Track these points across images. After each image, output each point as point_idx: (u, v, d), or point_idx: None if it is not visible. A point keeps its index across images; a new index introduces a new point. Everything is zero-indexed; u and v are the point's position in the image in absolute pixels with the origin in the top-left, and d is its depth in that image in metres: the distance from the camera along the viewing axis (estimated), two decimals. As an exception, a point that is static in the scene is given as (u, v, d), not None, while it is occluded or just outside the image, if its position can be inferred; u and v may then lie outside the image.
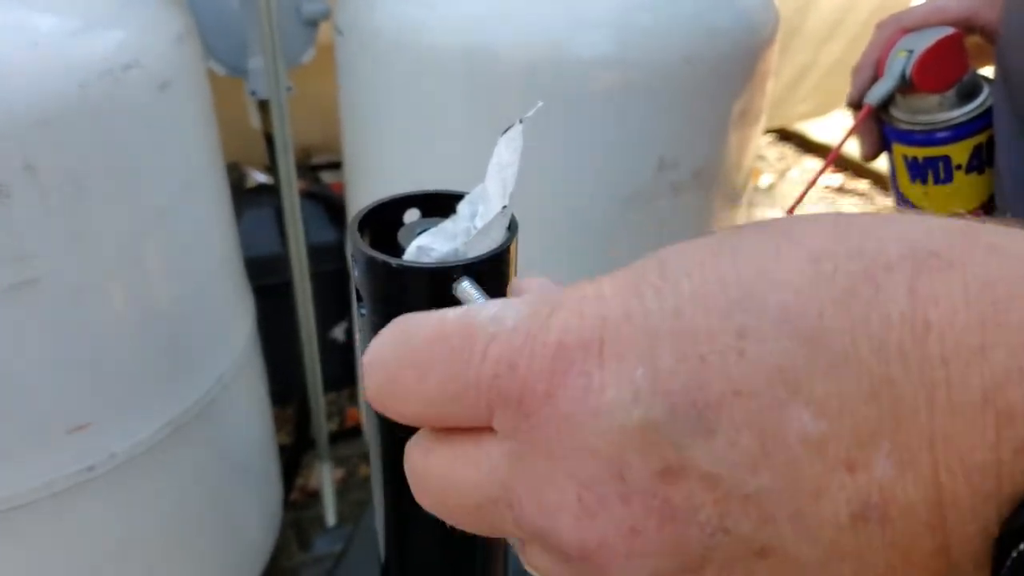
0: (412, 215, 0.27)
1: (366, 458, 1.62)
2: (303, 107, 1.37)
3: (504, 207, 0.24)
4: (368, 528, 0.73)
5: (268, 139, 1.23)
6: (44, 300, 0.71)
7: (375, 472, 0.30)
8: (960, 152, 0.60)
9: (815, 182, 0.62)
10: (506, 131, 0.25)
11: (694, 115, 0.95)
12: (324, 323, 1.50)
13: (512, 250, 0.25)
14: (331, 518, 1.43)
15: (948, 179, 0.61)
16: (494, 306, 0.19)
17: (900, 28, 0.62)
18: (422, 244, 0.25)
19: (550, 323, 0.18)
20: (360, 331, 0.26)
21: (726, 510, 0.16)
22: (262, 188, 1.58)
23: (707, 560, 0.17)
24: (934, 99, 0.60)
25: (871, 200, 2.74)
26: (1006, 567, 0.15)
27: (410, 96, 0.95)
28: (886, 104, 0.62)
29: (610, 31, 0.89)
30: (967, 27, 0.60)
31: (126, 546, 0.88)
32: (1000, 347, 0.15)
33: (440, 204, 0.27)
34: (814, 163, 2.96)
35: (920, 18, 0.61)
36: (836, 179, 2.84)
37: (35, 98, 0.66)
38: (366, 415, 0.39)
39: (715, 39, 0.92)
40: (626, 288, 0.18)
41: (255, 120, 1.29)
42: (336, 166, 1.70)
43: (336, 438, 1.61)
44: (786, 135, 3.10)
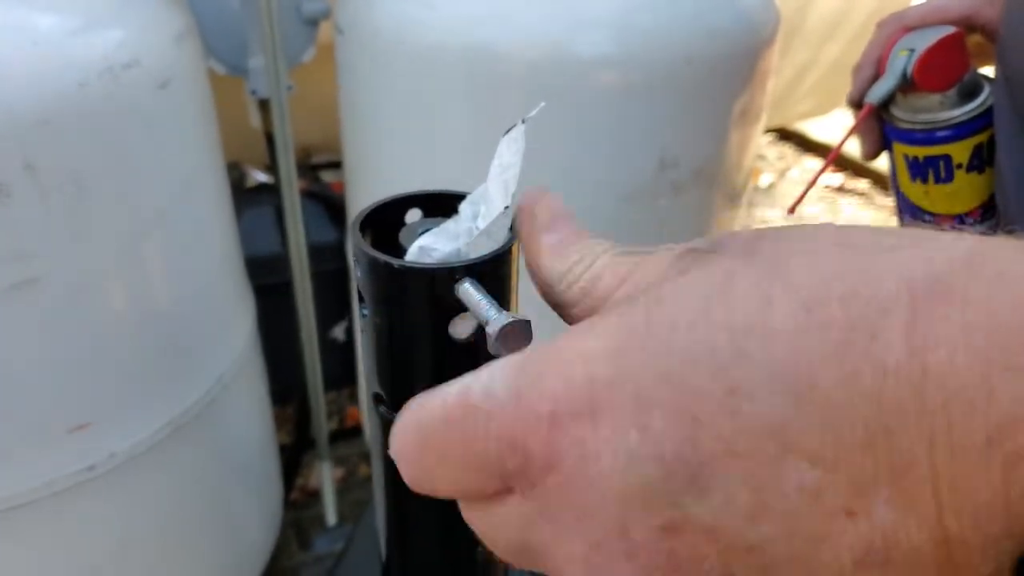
0: (414, 215, 0.27)
1: (366, 458, 1.62)
2: (303, 106, 1.37)
3: (506, 207, 0.24)
4: (369, 527, 0.73)
5: (268, 138, 1.23)
6: (44, 300, 0.71)
7: (376, 472, 0.30)
8: (961, 151, 0.60)
9: (815, 182, 0.62)
10: (508, 131, 0.25)
11: (694, 115, 0.95)
12: (324, 322, 1.49)
13: (514, 251, 0.25)
14: (331, 517, 1.43)
15: (949, 178, 0.61)
16: (485, 375, 0.19)
17: (901, 27, 0.62)
18: (424, 244, 0.25)
19: (540, 391, 0.18)
20: (362, 331, 0.26)
21: (729, 559, 0.17)
22: (262, 187, 1.58)
23: None
24: (935, 98, 0.60)
25: (871, 200, 2.74)
26: None
27: (410, 95, 0.95)
28: (887, 103, 0.62)
29: (610, 31, 0.89)
30: (968, 26, 0.60)
31: (126, 546, 0.88)
32: (1006, 391, 0.14)
33: (442, 204, 0.27)
34: (814, 162, 2.96)
35: (921, 17, 0.61)
36: (836, 179, 2.83)
37: (35, 98, 0.66)
38: (367, 415, 0.39)
39: (715, 39, 0.92)
40: (612, 345, 0.18)
41: (255, 119, 1.28)
42: (336, 165, 1.70)
43: (336, 437, 1.61)
44: (786, 134, 3.10)
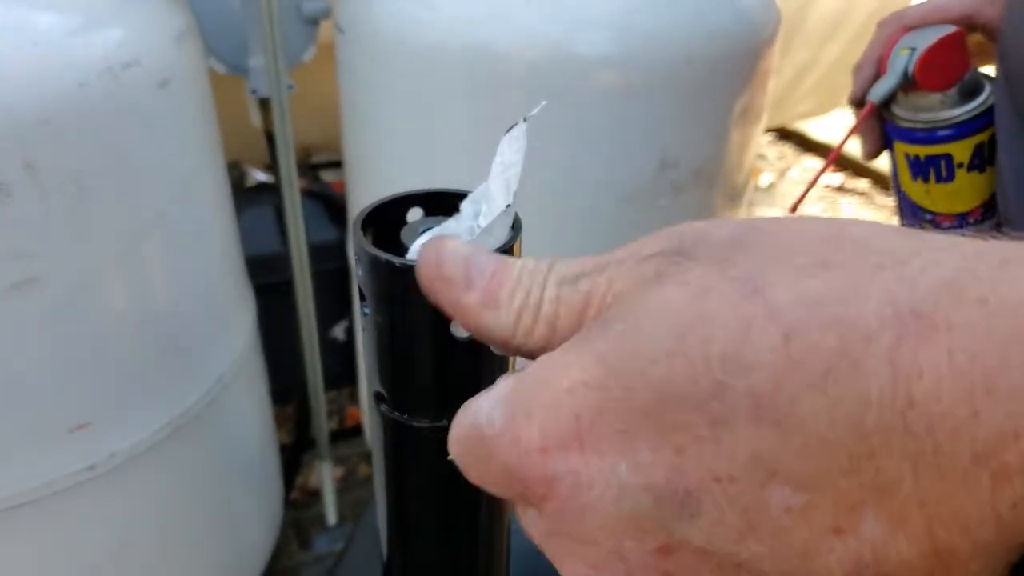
0: (415, 214, 0.27)
1: (366, 457, 1.62)
2: (304, 105, 1.37)
3: (508, 206, 0.24)
4: (369, 527, 0.73)
5: (269, 137, 1.22)
6: (44, 300, 0.71)
7: (376, 471, 0.30)
8: (962, 150, 0.60)
9: (816, 181, 0.62)
10: (509, 130, 0.25)
11: (695, 115, 0.95)
12: (325, 322, 1.49)
13: (515, 249, 0.25)
14: (331, 517, 1.43)
15: (950, 177, 0.61)
16: (490, 399, 0.20)
17: (902, 26, 0.61)
18: (426, 243, 0.25)
19: (530, 424, 0.19)
20: (363, 330, 0.26)
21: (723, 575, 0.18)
22: (262, 187, 1.58)
23: None
24: (936, 97, 0.60)
25: (871, 200, 2.74)
26: None
27: (410, 95, 0.95)
28: (888, 102, 0.62)
29: (611, 31, 0.89)
30: (969, 25, 0.60)
31: (126, 546, 0.88)
32: (990, 414, 0.15)
33: (443, 203, 0.27)
34: (814, 162, 2.96)
35: (921, 16, 0.61)
36: (836, 178, 2.83)
37: (35, 98, 0.66)
38: (368, 415, 0.39)
39: (716, 39, 0.92)
40: (594, 380, 0.18)
41: (256, 118, 1.28)
42: (337, 165, 1.70)
43: (336, 437, 1.61)
44: (786, 134, 3.10)
